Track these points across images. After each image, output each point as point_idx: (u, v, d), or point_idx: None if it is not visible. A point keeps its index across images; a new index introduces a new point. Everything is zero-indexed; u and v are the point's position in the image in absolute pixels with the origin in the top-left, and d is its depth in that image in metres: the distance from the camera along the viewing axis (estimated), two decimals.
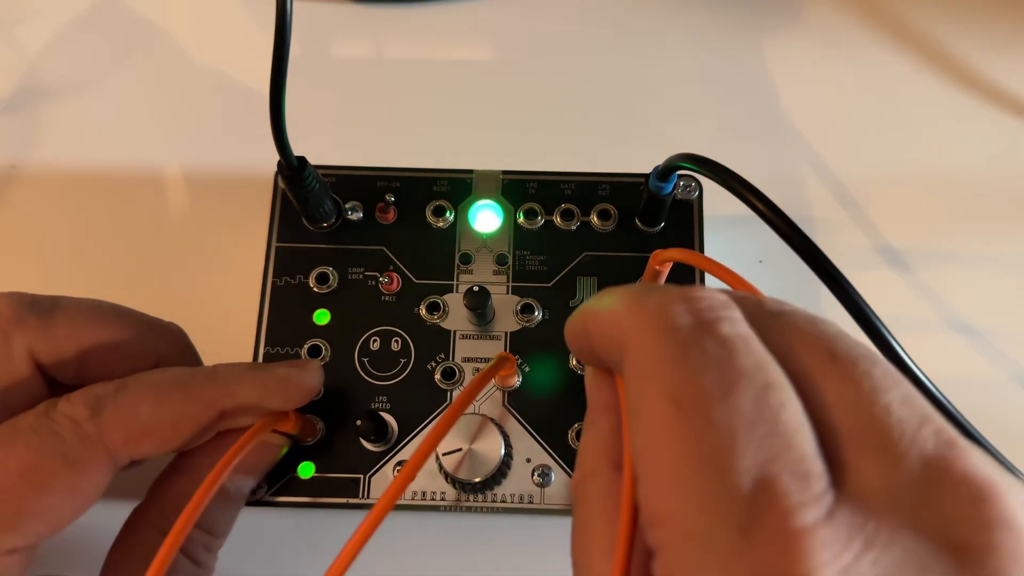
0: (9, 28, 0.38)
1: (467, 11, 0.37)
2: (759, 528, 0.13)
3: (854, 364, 0.14)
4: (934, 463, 0.13)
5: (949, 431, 0.14)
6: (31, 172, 0.35)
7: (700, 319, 0.15)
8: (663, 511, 0.14)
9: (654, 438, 0.14)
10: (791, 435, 0.13)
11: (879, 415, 0.14)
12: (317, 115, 0.35)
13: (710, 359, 0.14)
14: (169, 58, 0.37)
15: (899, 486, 0.13)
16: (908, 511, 0.13)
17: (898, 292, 0.32)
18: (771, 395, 0.14)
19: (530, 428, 0.29)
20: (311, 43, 0.37)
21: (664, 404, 0.14)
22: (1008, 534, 0.13)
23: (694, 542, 0.13)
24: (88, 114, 0.36)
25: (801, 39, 0.37)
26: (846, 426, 0.14)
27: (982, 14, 0.37)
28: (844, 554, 0.12)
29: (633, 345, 0.15)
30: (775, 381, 0.14)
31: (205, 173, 0.34)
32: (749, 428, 0.13)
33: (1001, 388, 0.31)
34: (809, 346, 0.15)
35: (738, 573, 0.13)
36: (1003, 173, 0.34)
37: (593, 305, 0.18)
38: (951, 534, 0.13)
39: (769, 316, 0.16)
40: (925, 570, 0.13)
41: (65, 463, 0.21)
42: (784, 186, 0.34)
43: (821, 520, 0.13)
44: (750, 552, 0.12)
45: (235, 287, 0.32)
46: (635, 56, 0.37)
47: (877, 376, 0.14)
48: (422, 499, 0.28)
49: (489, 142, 0.35)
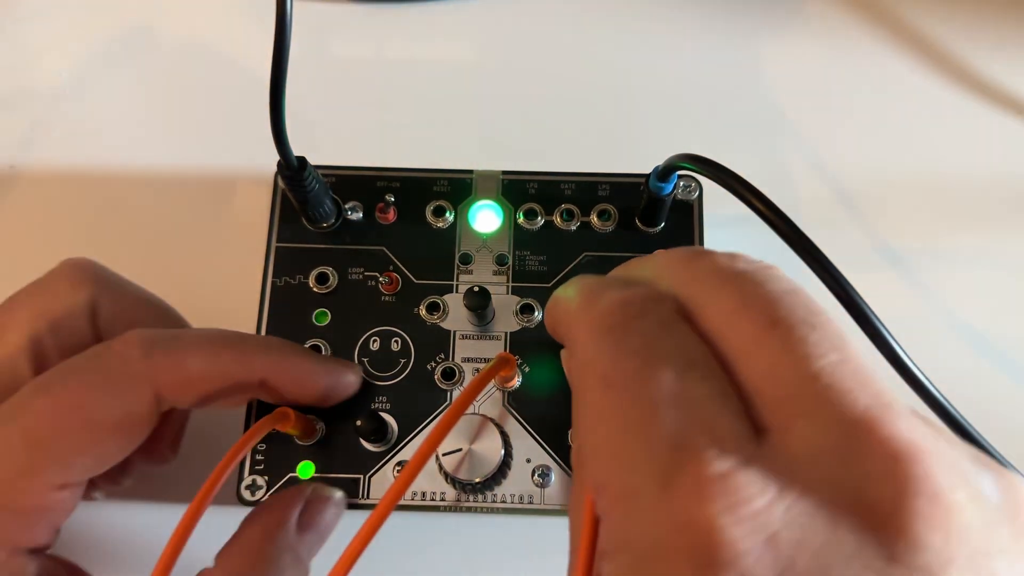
0: (9, 28, 0.38)
1: (467, 11, 0.37)
2: (678, 480, 0.14)
3: (790, 330, 0.15)
4: (858, 425, 0.14)
5: (887, 396, 0.14)
6: (31, 172, 0.35)
7: (628, 314, 0.17)
8: (602, 478, 0.16)
9: (592, 416, 0.16)
10: (709, 403, 0.15)
11: (807, 380, 0.14)
12: (317, 115, 0.35)
13: (635, 347, 0.16)
14: (169, 58, 0.37)
15: (820, 446, 0.14)
16: (827, 469, 0.14)
17: (898, 292, 0.32)
18: (691, 372, 0.15)
19: (530, 428, 0.29)
20: (311, 43, 0.37)
21: (598, 386, 0.16)
22: (920, 496, 0.13)
23: (626, 500, 0.15)
24: (88, 114, 0.36)
25: (801, 39, 0.37)
26: (776, 393, 0.15)
27: (982, 14, 0.37)
28: (755, 500, 0.13)
29: (577, 341, 0.18)
30: (697, 359, 0.16)
31: (205, 173, 0.34)
32: (670, 401, 0.15)
33: (1001, 388, 0.31)
34: (752, 314, 0.16)
35: (661, 520, 0.14)
36: (1003, 173, 0.34)
37: (558, 295, 0.20)
38: (864, 494, 0.13)
39: (715, 288, 0.17)
40: (834, 525, 0.13)
41: (114, 400, 0.22)
42: (784, 186, 0.34)
43: (735, 468, 0.13)
44: (671, 501, 0.14)
45: (235, 287, 0.32)
46: (635, 56, 0.37)
47: (812, 342, 0.15)
48: (422, 499, 0.28)
49: (489, 142, 0.35)
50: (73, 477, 0.22)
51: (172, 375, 0.23)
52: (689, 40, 0.37)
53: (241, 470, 0.28)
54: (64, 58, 0.37)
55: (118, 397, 0.22)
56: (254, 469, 0.28)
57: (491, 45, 0.37)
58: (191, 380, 0.23)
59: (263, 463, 0.28)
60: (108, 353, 0.22)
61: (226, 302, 0.32)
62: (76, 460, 0.21)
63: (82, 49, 0.37)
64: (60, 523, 0.23)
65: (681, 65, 0.36)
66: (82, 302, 0.25)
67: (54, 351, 0.24)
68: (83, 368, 0.22)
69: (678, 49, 0.37)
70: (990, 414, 0.27)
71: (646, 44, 0.37)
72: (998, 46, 0.36)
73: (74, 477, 0.22)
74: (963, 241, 0.33)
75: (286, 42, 0.23)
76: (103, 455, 0.22)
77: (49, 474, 0.21)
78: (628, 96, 0.36)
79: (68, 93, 0.36)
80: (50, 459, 0.21)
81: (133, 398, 0.22)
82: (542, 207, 0.31)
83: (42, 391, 0.22)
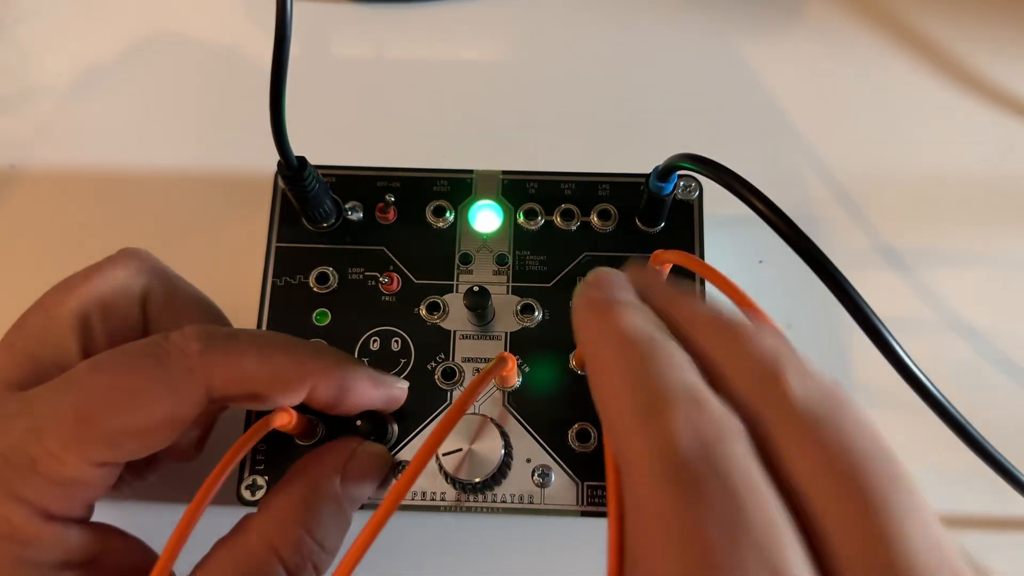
0: (9, 28, 0.38)
1: (467, 11, 0.37)
2: None
3: (870, 492, 0.14)
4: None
5: (962, 569, 0.13)
6: (31, 172, 0.35)
7: (707, 460, 0.15)
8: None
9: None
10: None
11: (884, 547, 0.13)
12: (317, 115, 0.35)
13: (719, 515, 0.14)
14: (169, 58, 0.37)
15: None
16: None
17: (898, 292, 0.32)
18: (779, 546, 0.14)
19: (530, 428, 0.29)
20: (311, 43, 0.37)
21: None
22: None
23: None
24: (88, 114, 0.36)
25: (801, 39, 0.37)
26: (852, 552, 0.14)
27: (982, 14, 0.37)
28: None
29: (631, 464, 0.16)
30: (779, 522, 0.14)
31: (205, 173, 0.34)
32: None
33: (1001, 388, 0.31)
34: (834, 478, 0.14)
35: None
36: (1003, 173, 0.34)
37: (576, 298, 0.19)
38: None
39: (790, 430, 0.15)
40: None
41: (167, 389, 0.22)
42: (784, 186, 0.34)
43: None
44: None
45: (235, 287, 0.32)
46: (635, 56, 0.37)
47: (894, 509, 0.14)
48: (422, 499, 0.28)
49: (489, 142, 0.35)
50: (116, 457, 0.22)
51: (227, 373, 0.23)
52: (689, 40, 0.37)
53: (241, 470, 0.28)
54: (64, 58, 0.37)
55: (171, 387, 0.22)
56: (254, 469, 0.28)
57: (491, 45, 0.37)
58: (244, 379, 0.23)
59: (263, 463, 0.28)
60: (167, 344, 0.23)
61: (226, 302, 0.31)
62: (122, 441, 0.22)
63: (82, 49, 0.37)
64: (94, 499, 0.23)
65: (681, 65, 0.36)
66: (135, 290, 0.25)
67: (102, 334, 0.25)
68: (141, 353, 0.23)
69: (678, 49, 0.37)
70: (990, 414, 0.27)
71: (646, 44, 0.37)
72: (998, 46, 0.36)
73: (117, 457, 0.22)
74: (963, 241, 0.33)
75: (286, 42, 0.23)
76: (147, 441, 0.22)
77: (93, 450, 0.22)
78: (628, 96, 0.36)
79: (68, 93, 0.36)
80: (97, 436, 0.21)
81: (186, 390, 0.22)
82: (542, 207, 0.31)
83: (99, 369, 0.22)
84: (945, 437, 0.24)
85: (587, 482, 0.28)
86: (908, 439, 0.30)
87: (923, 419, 0.23)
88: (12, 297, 0.25)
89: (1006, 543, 0.29)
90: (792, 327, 0.32)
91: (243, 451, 0.23)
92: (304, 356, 0.25)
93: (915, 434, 0.30)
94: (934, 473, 0.29)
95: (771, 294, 0.32)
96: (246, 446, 0.23)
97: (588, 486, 0.28)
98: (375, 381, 0.27)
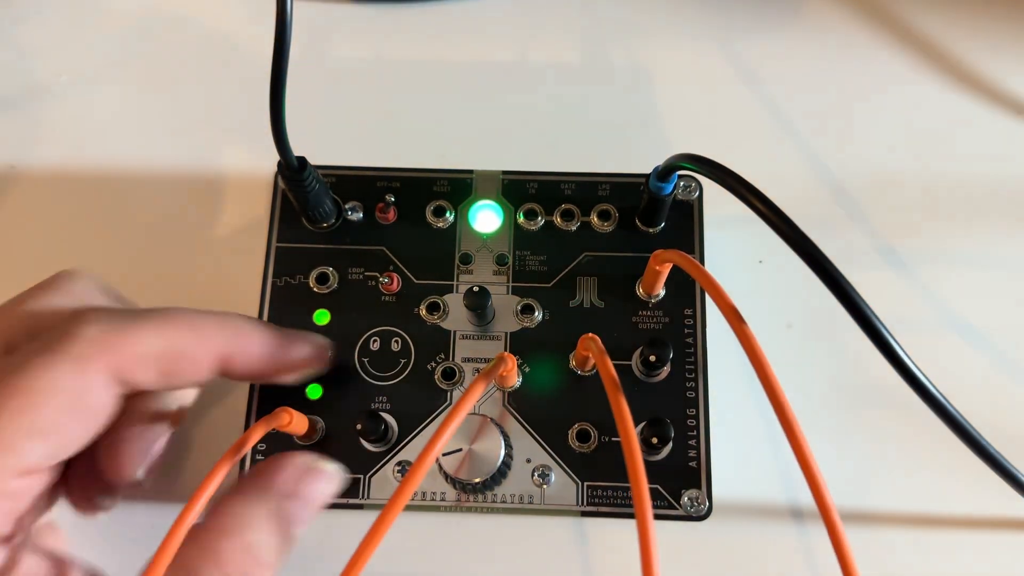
0: (9, 28, 0.38)
1: (467, 11, 0.37)
2: None
3: None
4: None
5: None
6: (31, 172, 0.35)
7: None
8: None
9: None
10: None
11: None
12: (317, 115, 0.35)
13: None
14: (169, 58, 0.37)
15: None
16: None
17: (898, 292, 0.32)
18: None
19: (530, 428, 0.29)
20: (311, 43, 0.37)
21: None
22: None
23: None
24: (88, 114, 0.36)
25: (801, 39, 0.37)
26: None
27: (982, 14, 0.37)
28: None
29: None
30: None
31: (205, 173, 0.34)
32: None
33: (1001, 388, 0.31)
34: None
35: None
36: (1003, 173, 0.34)
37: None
38: None
39: None
40: None
41: (66, 377, 0.21)
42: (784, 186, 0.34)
43: None
44: None
45: (235, 287, 0.32)
46: (635, 56, 0.37)
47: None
48: (422, 499, 0.28)
49: (489, 142, 0.35)
50: (25, 463, 0.21)
51: (130, 355, 0.22)
52: (689, 39, 0.37)
53: (241, 470, 0.28)
54: (64, 58, 0.37)
55: (70, 375, 0.21)
56: None
57: (491, 45, 0.37)
58: (147, 357, 0.23)
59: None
60: (59, 331, 0.22)
61: (226, 302, 0.32)
62: (25, 444, 0.21)
63: (82, 49, 0.37)
64: (21, 513, 0.22)
65: (681, 65, 0.36)
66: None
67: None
68: (36, 350, 0.22)
69: (678, 48, 0.37)
70: (990, 414, 0.27)
71: (646, 44, 0.37)
72: (998, 46, 0.36)
73: (26, 463, 0.21)
74: (963, 241, 0.33)
75: (286, 42, 0.23)
76: (59, 439, 0.21)
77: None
78: (629, 96, 0.36)
79: (68, 93, 0.36)
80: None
81: (87, 376, 0.22)
82: (542, 207, 0.31)
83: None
84: (945, 437, 0.24)
85: (587, 482, 0.28)
86: (908, 439, 0.30)
87: (923, 419, 0.23)
88: (12, 297, 0.25)
89: (1006, 543, 0.29)
90: (792, 327, 0.32)
91: (243, 451, 0.23)
92: (205, 326, 0.24)
93: (915, 434, 0.30)
94: (934, 473, 0.29)
95: (771, 294, 0.32)
96: (246, 446, 0.23)
97: (588, 486, 0.28)
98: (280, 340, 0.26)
